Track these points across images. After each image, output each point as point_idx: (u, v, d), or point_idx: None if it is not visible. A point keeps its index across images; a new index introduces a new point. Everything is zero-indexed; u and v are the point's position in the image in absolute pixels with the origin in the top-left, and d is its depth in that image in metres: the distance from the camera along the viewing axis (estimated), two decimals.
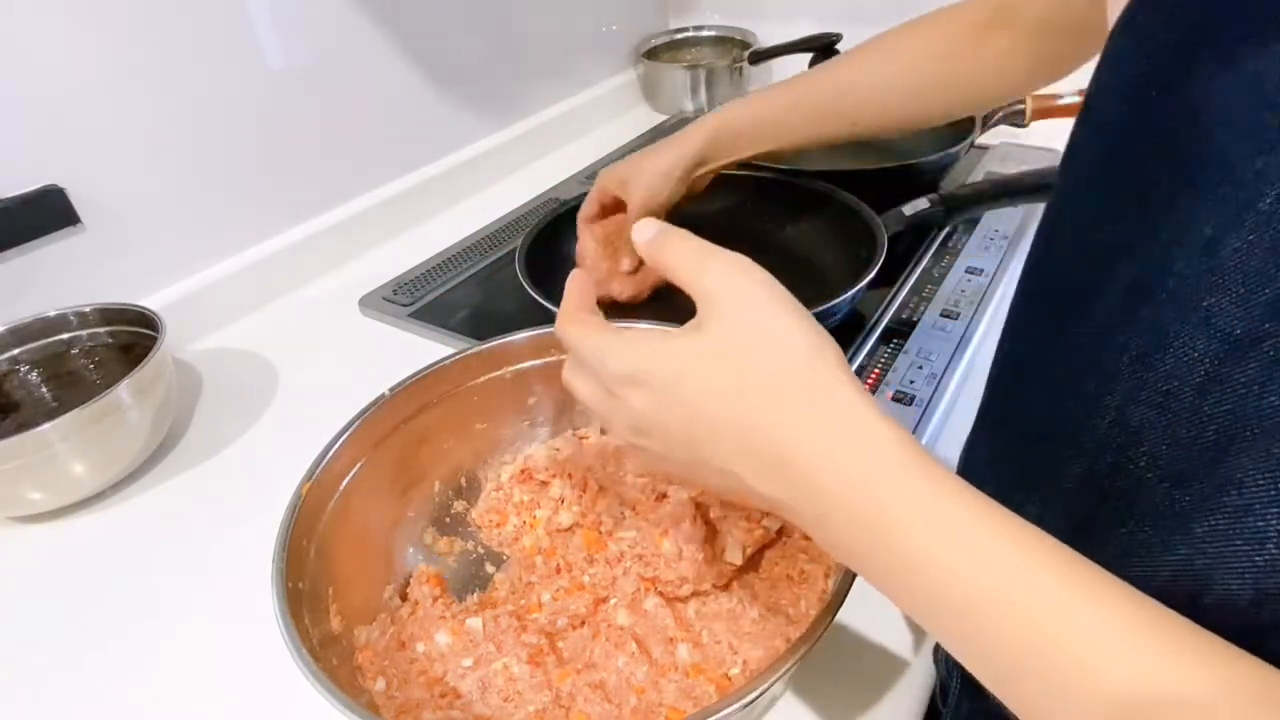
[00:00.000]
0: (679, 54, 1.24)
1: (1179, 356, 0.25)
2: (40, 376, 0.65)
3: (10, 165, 0.61)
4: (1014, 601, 0.24)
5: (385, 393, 0.47)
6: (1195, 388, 0.24)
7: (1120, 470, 0.27)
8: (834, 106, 0.64)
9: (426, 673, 0.41)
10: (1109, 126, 0.29)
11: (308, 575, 0.40)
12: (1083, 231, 0.30)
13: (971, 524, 0.25)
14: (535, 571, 0.47)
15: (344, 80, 0.83)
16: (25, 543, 0.57)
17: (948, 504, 0.26)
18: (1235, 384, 0.23)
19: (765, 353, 0.29)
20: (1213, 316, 0.24)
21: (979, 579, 0.24)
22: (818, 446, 0.28)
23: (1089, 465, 0.28)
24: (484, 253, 0.86)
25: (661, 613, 0.43)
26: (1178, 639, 0.22)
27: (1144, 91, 0.27)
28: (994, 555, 0.25)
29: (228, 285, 0.77)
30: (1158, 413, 0.25)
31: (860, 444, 0.28)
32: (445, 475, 0.51)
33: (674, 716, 0.38)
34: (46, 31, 0.61)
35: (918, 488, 0.27)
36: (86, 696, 0.46)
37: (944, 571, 0.25)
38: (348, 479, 0.45)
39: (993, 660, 0.25)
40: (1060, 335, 0.31)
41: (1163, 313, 0.25)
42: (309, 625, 0.38)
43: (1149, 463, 0.26)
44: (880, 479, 0.27)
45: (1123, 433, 0.27)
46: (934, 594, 0.25)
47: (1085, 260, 0.30)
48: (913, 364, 0.62)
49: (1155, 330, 0.25)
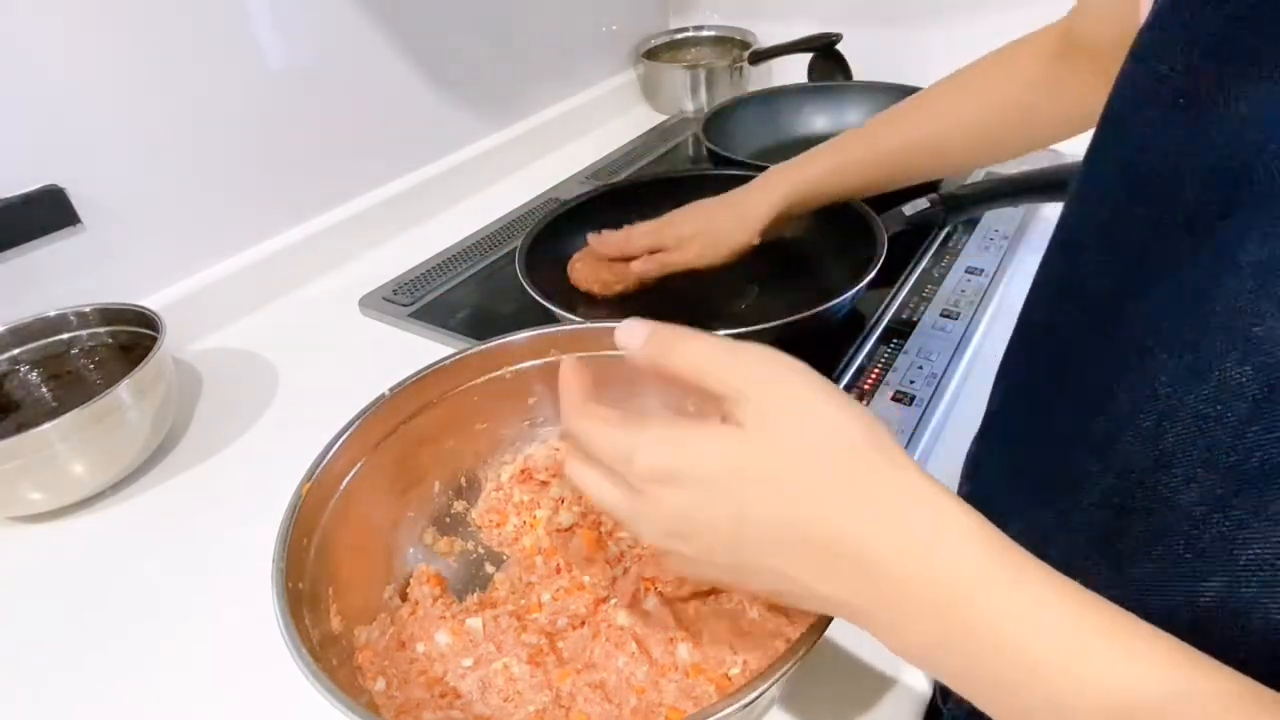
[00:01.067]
0: (679, 54, 1.24)
1: (1223, 383, 0.23)
2: (40, 376, 0.65)
3: (10, 165, 0.61)
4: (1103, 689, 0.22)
5: (385, 393, 0.47)
6: (1241, 414, 0.23)
7: (1149, 490, 0.26)
8: (913, 156, 0.63)
9: (426, 673, 0.41)
10: (1138, 134, 0.28)
11: (308, 575, 0.40)
12: (1113, 246, 0.29)
13: (1058, 605, 0.24)
14: (535, 571, 0.47)
15: (344, 80, 0.83)
16: (25, 543, 0.57)
17: (1035, 591, 0.24)
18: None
19: (818, 443, 0.27)
20: (1263, 343, 0.23)
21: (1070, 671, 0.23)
22: (894, 539, 0.25)
23: (1115, 483, 0.27)
24: (484, 253, 0.86)
25: (661, 613, 0.43)
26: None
27: (1177, 102, 0.26)
28: (1084, 648, 0.23)
29: (228, 285, 0.77)
30: (1196, 435, 0.24)
31: (940, 533, 0.25)
32: (445, 475, 0.51)
33: (674, 716, 0.38)
34: (46, 31, 0.61)
35: (1001, 577, 0.25)
36: (86, 696, 0.46)
37: (1032, 662, 0.23)
38: (348, 479, 0.45)
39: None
40: (1086, 349, 0.30)
41: (1206, 336, 0.24)
42: (309, 625, 0.38)
43: (1183, 484, 0.25)
44: (965, 570, 0.25)
45: (1155, 452, 0.26)
46: (1018, 683, 0.24)
47: (1116, 274, 0.29)
48: (913, 364, 0.62)
49: (1197, 353, 0.24)
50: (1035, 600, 0.24)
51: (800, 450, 0.27)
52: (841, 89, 1.03)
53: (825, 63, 1.10)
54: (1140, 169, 0.28)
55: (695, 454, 0.28)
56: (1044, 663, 0.23)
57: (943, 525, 0.25)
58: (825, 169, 0.64)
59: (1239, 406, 0.23)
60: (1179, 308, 0.25)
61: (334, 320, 0.78)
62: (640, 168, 1.04)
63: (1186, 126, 0.26)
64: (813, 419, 0.28)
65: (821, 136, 1.01)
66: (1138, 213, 0.28)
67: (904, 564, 0.25)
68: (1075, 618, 0.23)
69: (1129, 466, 0.26)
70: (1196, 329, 0.25)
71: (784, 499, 0.27)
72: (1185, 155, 0.26)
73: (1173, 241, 0.26)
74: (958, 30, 1.05)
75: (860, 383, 0.61)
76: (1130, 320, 0.27)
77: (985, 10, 1.02)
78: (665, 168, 1.04)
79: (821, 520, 0.26)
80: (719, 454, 0.28)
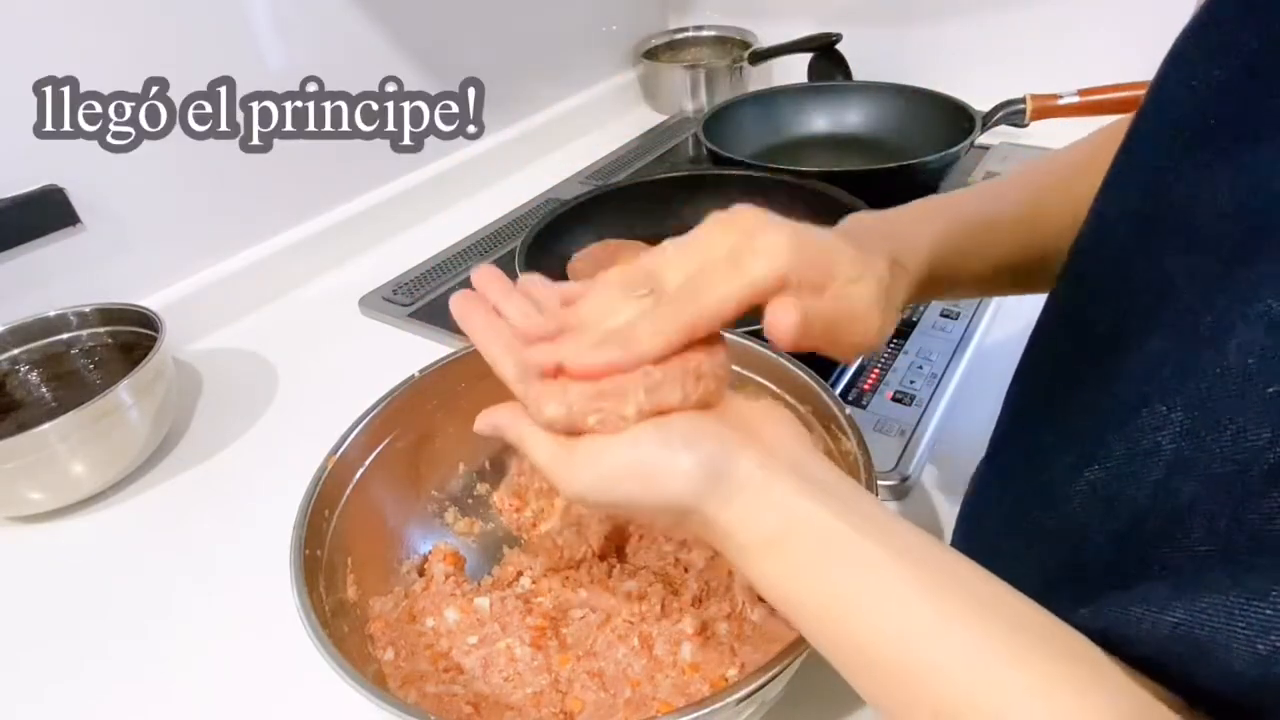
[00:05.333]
0: (679, 54, 1.24)
1: (1238, 440, 0.22)
2: (40, 376, 0.65)
3: (10, 165, 0.62)
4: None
5: (415, 374, 0.48)
6: (1263, 474, 0.22)
7: (1166, 539, 0.24)
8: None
9: (433, 647, 0.43)
10: (1155, 170, 0.28)
11: (326, 544, 0.41)
12: (1121, 282, 0.28)
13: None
14: (549, 557, 0.48)
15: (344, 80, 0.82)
16: (25, 543, 0.57)
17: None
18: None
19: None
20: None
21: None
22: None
23: (1121, 533, 0.26)
24: (484, 253, 0.86)
25: (670, 607, 0.44)
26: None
27: (1196, 141, 0.25)
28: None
29: (228, 285, 0.77)
30: (1214, 490, 0.23)
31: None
32: (469, 457, 0.52)
33: (665, 710, 0.39)
34: (47, 31, 0.61)
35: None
36: (87, 696, 0.46)
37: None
38: (373, 455, 0.46)
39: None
40: (1083, 382, 0.29)
41: (1218, 390, 0.23)
42: (323, 592, 0.39)
43: (1203, 537, 0.23)
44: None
45: (1170, 505, 0.24)
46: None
47: (1120, 313, 0.28)
48: (913, 364, 0.62)
49: (1206, 408, 0.23)
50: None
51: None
52: (841, 89, 1.03)
53: (825, 63, 1.09)
54: (1156, 205, 0.27)
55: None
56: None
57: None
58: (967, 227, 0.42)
59: (1260, 466, 0.22)
60: (1184, 356, 0.24)
61: (334, 320, 0.78)
62: (640, 168, 1.04)
63: (1206, 165, 0.25)
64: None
65: (821, 136, 1.02)
66: (1151, 248, 0.27)
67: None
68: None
69: (1143, 517, 0.25)
70: (1206, 380, 0.23)
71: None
72: (1204, 194, 0.25)
73: (1184, 284, 0.25)
74: (958, 30, 1.05)
75: (860, 383, 0.61)
76: (1130, 365, 0.26)
77: (985, 10, 1.02)
78: (665, 168, 1.04)
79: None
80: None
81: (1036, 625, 0.25)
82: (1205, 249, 0.25)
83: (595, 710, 0.40)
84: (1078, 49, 0.98)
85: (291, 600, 0.36)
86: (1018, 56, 1.02)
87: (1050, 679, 0.23)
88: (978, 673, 0.24)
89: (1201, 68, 0.27)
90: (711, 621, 0.43)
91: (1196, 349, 0.24)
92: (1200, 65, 0.27)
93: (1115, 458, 0.26)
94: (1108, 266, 0.30)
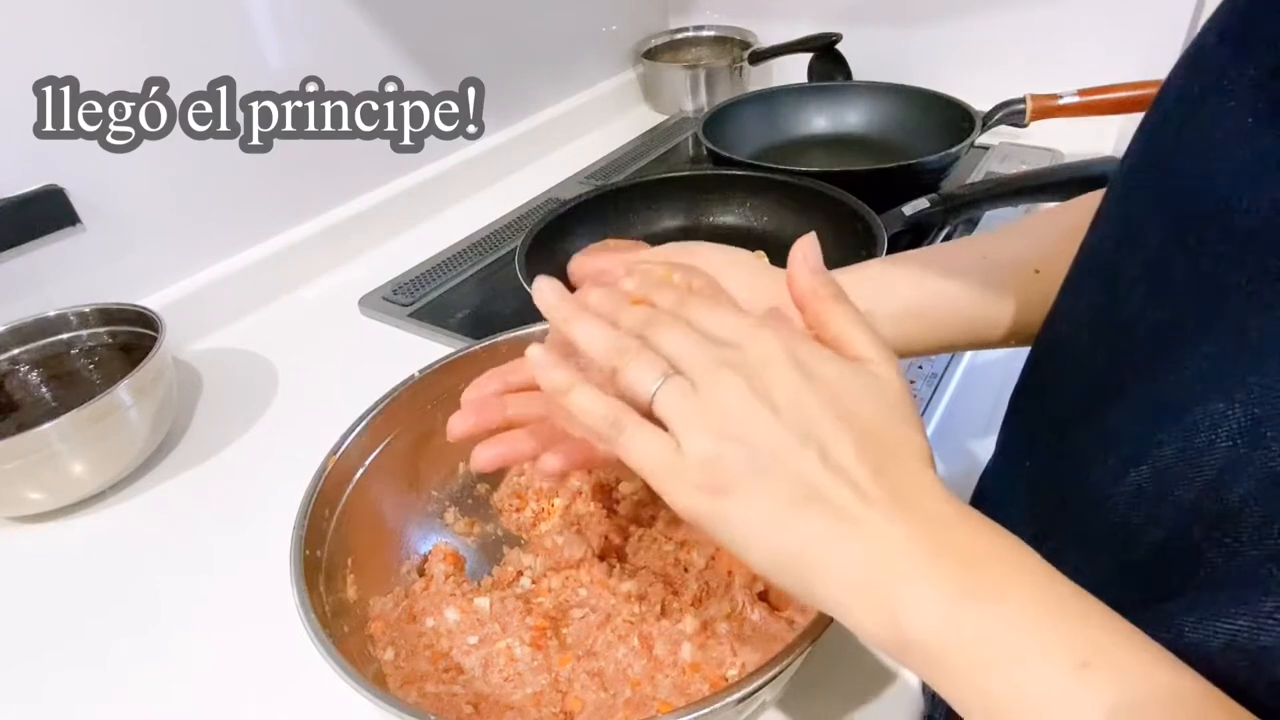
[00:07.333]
0: (679, 54, 1.24)
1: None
2: (40, 376, 0.65)
3: (10, 165, 0.62)
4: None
5: (415, 374, 0.48)
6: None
7: (1214, 542, 0.24)
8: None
9: (433, 646, 0.43)
10: (1190, 154, 0.26)
11: (326, 545, 0.41)
12: (1159, 282, 0.27)
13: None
14: (549, 557, 0.48)
15: (344, 80, 0.83)
16: (25, 543, 0.57)
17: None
18: None
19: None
20: None
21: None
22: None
23: (1166, 536, 0.25)
24: (484, 253, 0.86)
25: (670, 607, 0.44)
26: None
27: (1245, 120, 0.24)
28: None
29: (228, 285, 0.77)
30: (1270, 490, 0.22)
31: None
32: (469, 457, 0.51)
33: (665, 710, 0.39)
34: (47, 31, 0.61)
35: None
36: (87, 696, 0.46)
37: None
38: (373, 455, 0.46)
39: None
40: (1121, 390, 0.28)
41: (1272, 392, 0.22)
42: (323, 592, 0.39)
43: (1253, 539, 0.23)
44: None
45: (1219, 507, 0.23)
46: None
47: (1164, 314, 0.27)
48: (913, 364, 0.62)
49: (1267, 401, 0.22)
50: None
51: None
52: (841, 89, 1.03)
53: (825, 63, 1.10)
54: (1193, 196, 0.26)
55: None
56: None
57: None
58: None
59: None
60: (1236, 357, 0.23)
61: (334, 320, 0.78)
62: (640, 168, 1.04)
63: (1254, 149, 0.23)
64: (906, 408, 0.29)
65: (821, 136, 1.02)
66: (1188, 244, 0.26)
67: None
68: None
69: (1190, 520, 0.25)
70: (1263, 379, 0.22)
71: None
72: (1249, 185, 0.24)
73: (1227, 281, 0.24)
74: (958, 30, 1.05)
75: None
76: (1180, 364, 0.25)
77: (985, 10, 1.02)
78: (665, 168, 1.04)
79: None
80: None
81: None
82: (1247, 244, 0.24)
83: (595, 710, 0.40)
84: (1078, 49, 0.98)
85: (291, 600, 0.36)
86: (1018, 56, 1.02)
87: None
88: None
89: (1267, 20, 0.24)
90: (711, 621, 0.43)
91: (1243, 352, 0.23)
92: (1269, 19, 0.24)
93: (1166, 458, 0.25)
94: (1141, 266, 0.29)
